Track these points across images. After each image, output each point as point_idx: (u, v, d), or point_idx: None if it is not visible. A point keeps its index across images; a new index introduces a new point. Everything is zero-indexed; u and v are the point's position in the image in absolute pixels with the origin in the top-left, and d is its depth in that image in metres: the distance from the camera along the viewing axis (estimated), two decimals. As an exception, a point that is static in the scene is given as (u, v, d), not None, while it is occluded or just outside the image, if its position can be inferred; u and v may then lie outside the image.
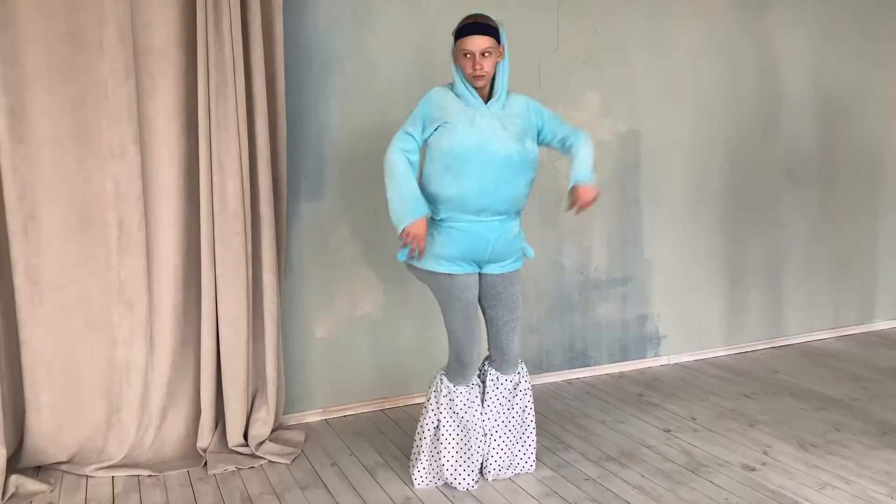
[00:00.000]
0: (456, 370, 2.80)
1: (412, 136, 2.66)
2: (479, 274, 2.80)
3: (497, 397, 2.89)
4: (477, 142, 2.60)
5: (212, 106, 2.98)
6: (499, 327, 2.85)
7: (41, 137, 2.86)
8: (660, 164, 4.19)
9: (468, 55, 2.61)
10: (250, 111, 3.09)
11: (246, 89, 3.06)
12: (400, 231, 2.59)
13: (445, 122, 2.62)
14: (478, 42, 2.59)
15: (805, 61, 4.54)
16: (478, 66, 2.60)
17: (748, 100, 4.40)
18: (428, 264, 2.71)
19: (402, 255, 2.71)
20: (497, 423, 2.89)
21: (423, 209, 2.60)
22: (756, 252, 4.54)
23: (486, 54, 2.60)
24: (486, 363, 2.95)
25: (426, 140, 2.68)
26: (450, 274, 2.70)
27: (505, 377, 2.89)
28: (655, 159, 4.18)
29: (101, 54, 2.88)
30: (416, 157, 2.66)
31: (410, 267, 2.77)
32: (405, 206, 2.59)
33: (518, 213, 2.80)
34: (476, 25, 2.61)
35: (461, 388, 2.82)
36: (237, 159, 3.03)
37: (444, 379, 2.84)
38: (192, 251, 3.11)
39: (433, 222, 2.71)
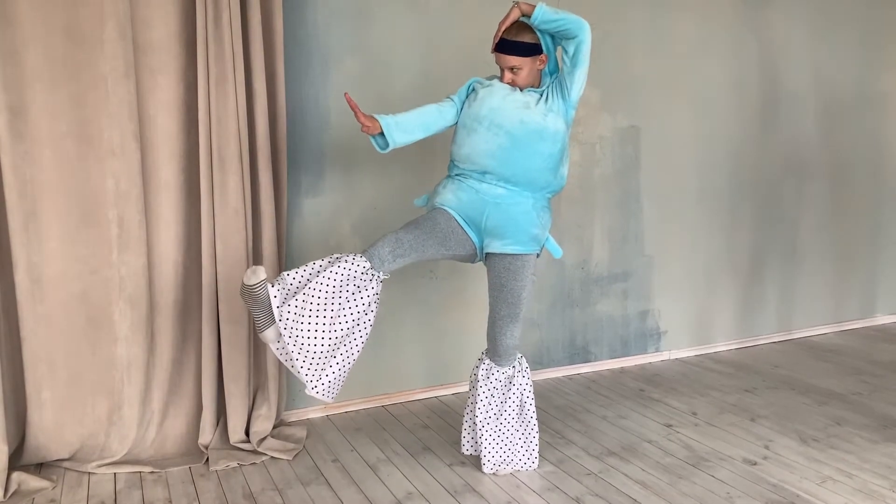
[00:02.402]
0: (371, 245, 2.68)
1: (452, 98, 2.84)
2: (488, 256, 2.81)
3: (488, 387, 2.88)
4: (495, 104, 2.70)
5: (212, 102, 2.98)
6: (494, 319, 2.85)
7: (41, 135, 2.86)
8: (660, 160, 4.19)
9: (501, 67, 2.75)
10: (250, 107, 3.09)
11: (246, 85, 3.06)
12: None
13: (482, 88, 2.76)
14: (506, 60, 2.73)
15: (807, 56, 4.54)
16: (508, 80, 2.75)
17: (749, 95, 4.40)
18: (432, 203, 2.86)
19: (418, 200, 2.97)
20: (489, 414, 2.88)
21: (383, 117, 2.74)
22: (757, 247, 4.54)
23: (517, 70, 2.71)
24: (483, 353, 2.95)
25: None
26: (448, 212, 2.78)
27: (498, 369, 2.89)
28: (656, 155, 4.17)
29: (100, 51, 2.88)
30: (449, 109, 2.82)
31: None
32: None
33: (536, 193, 2.77)
34: (506, 44, 2.70)
35: (358, 260, 2.61)
36: (237, 156, 3.03)
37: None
38: (192, 248, 3.11)
39: (449, 177, 2.85)
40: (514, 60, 2.70)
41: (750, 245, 4.52)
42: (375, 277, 2.65)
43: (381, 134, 2.76)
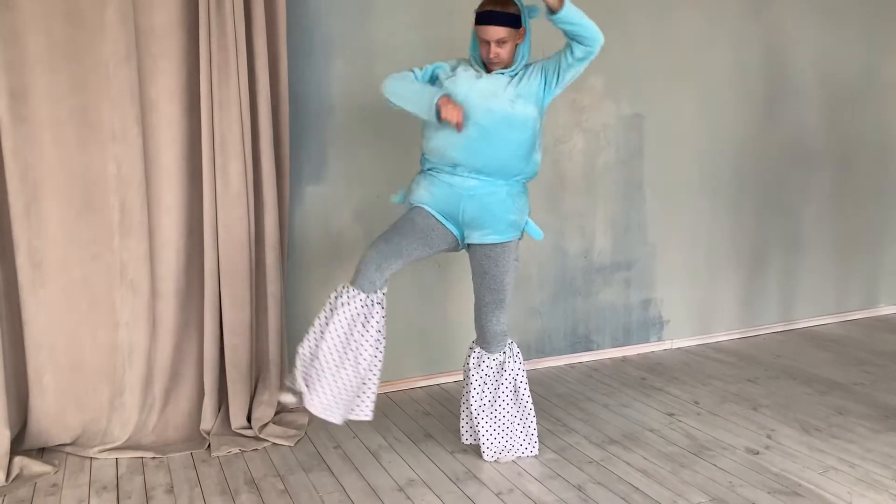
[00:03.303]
0: (358, 268, 2.71)
1: (412, 70, 2.75)
2: (469, 247, 2.81)
3: (480, 375, 2.88)
4: (462, 95, 2.63)
5: (214, 87, 2.96)
6: (480, 306, 2.85)
7: (42, 119, 2.85)
8: (664, 149, 4.17)
9: (484, 42, 2.63)
10: (252, 93, 3.07)
11: (248, 71, 3.04)
12: (434, 107, 2.56)
13: (446, 79, 2.69)
14: (494, 32, 2.60)
15: (812, 46, 4.50)
16: (493, 54, 2.63)
17: (754, 84, 4.37)
18: (409, 202, 2.82)
19: (395, 197, 2.88)
20: (483, 402, 2.87)
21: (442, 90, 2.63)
22: (760, 237, 4.52)
23: (502, 43, 2.61)
24: (473, 342, 2.94)
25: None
26: (424, 208, 2.76)
27: (488, 356, 2.88)
28: (659, 143, 4.15)
29: (102, 35, 2.86)
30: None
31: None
32: (426, 90, 2.64)
33: (510, 181, 2.74)
34: (493, 14, 2.59)
35: (357, 294, 2.67)
36: (239, 141, 3.01)
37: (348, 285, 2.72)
38: (194, 233, 3.10)
39: (422, 172, 2.82)
40: (501, 32, 2.59)
41: (753, 235, 4.50)
42: (375, 300, 2.69)
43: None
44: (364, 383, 2.74)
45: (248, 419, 3.17)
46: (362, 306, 2.68)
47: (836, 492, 2.65)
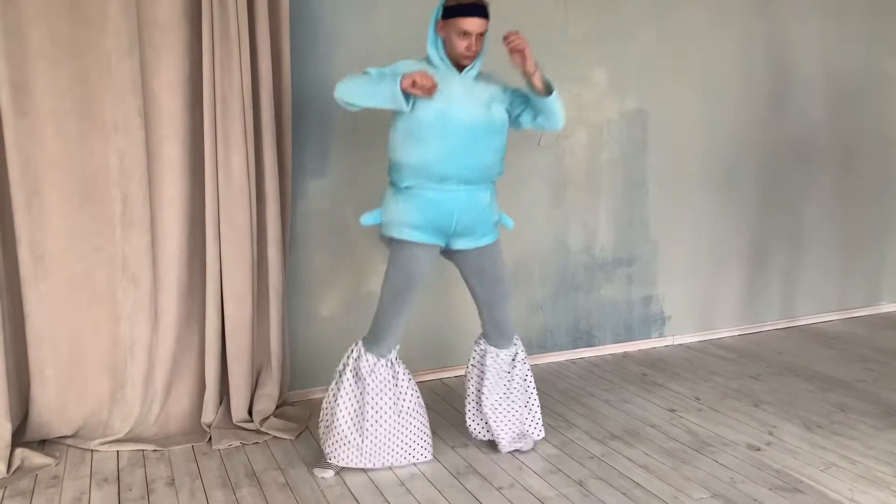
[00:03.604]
0: (370, 341, 2.75)
1: (367, 71, 2.59)
2: (456, 252, 2.77)
3: (499, 373, 2.89)
4: (440, 108, 2.57)
5: (217, 80, 2.96)
6: (490, 303, 2.84)
7: (44, 111, 2.84)
8: (667, 144, 4.16)
9: (464, 34, 2.55)
10: (255, 86, 3.07)
11: (251, 64, 3.03)
12: (399, 86, 2.44)
13: None
14: (478, 24, 2.55)
15: (816, 42, 4.49)
16: (474, 48, 2.57)
17: (758, 80, 4.36)
18: (392, 231, 2.69)
19: (365, 219, 2.75)
20: (499, 396, 2.89)
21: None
22: (762, 234, 4.52)
23: (481, 35, 2.58)
24: (481, 341, 2.93)
25: None
26: (407, 241, 2.68)
27: (504, 352, 2.89)
28: (663, 139, 4.14)
29: (104, 28, 2.86)
30: None
31: (381, 236, 2.78)
32: (383, 79, 2.52)
33: (489, 184, 2.74)
34: (476, 6, 2.55)
35: (378, 361, 2.74)
36: (242, 134, 3.01)
37: (363, 349, 2.76)
38: (196, 227, 3.09)
39: (399, 191, 2.69)
40: (484, 24, 2.54)
41: (755, 231, 4.49)
42: (394, 358, 2.79)
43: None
44: (410, 426, 2.81)
45: (250, 412, 3.17)
46: (388, 366, 2.77)
47: (837, 488, 2.64)
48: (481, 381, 2.91)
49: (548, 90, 2.62)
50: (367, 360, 2.72)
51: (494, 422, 2.90)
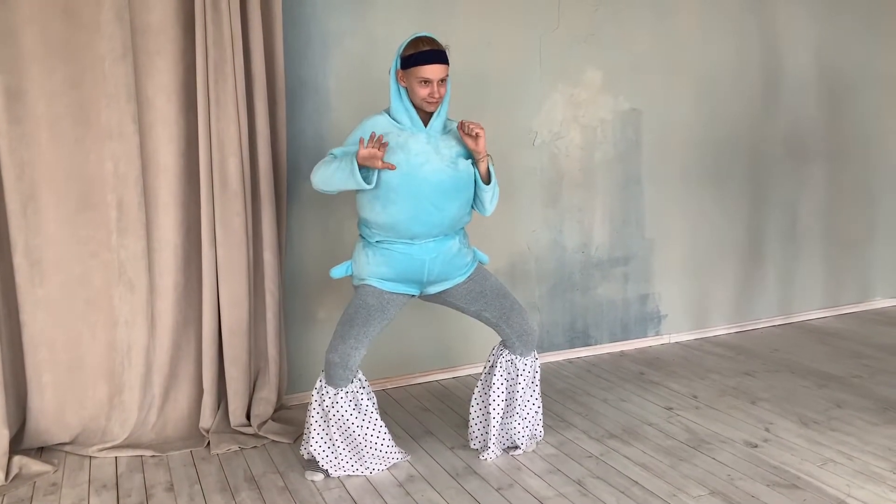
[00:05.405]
0: (326, 371, 2.72)
1: (332, 153, 2.66)
2: (441, 293, 2.80)
3: (528, 381, 2.89)
4: (405, 171, 2.56)
5: (210, 85, 2.95)
6: (506, 317, 2.83)
7: (39, 117, 2.84)
8: (661, 143, 4.17)
9: (426, 82, 2.56)
10: (249, 90, 3.07)
11: (245, 68, 3.04)
12: (358, 170, 2.48)
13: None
14: (438, 70, 2.56)
15: (809, 39, 4.51)
16: (437, 94, 2.58)
17: (751, 78, 4.37)
18: (364, 282, 2.73)
19: (335, 272, 2.79)
20: (514, 405, 2.89)
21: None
22: (757, 231, 4.53)
23: (443, 81, 2.59)
24: (504, 351, 2.89)
25: None
26: (374, 287, 2.70)
27: (527, 359, 2.89)
28: (657, 138, 4.16)
29: (98, 33, 2.86)
30: None
31: (354, 287, 2.79)
32: (344, 160, 2.54)
33: (457, 230, 2.76)
34: (435, 53, 2.56)
35: (337, 392, 2.69)
36: (237, 138, 3.01)
37: (323, 380, 2.74)
38: (192, 231, 3.09)
39: (369, 244, 2.72)
40: (444, 70, 2.56)
41: (750, 229, 4.51)
42: (355, 388, 2.72)
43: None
44: (378, 446, 2.79)
45: (248, 416, 3.17)
46: (348, 398, 2.71)
47: (834, 484, 2.66)
48: (512, 391, 2.87)
49: (487, 179, 2.68)
50: (328, 393, 2.71)
51: (514, 429, 2.89)
